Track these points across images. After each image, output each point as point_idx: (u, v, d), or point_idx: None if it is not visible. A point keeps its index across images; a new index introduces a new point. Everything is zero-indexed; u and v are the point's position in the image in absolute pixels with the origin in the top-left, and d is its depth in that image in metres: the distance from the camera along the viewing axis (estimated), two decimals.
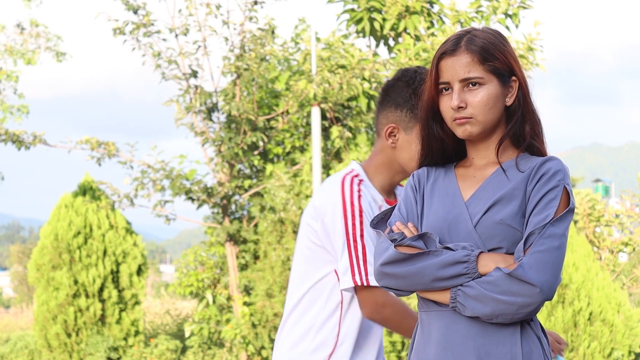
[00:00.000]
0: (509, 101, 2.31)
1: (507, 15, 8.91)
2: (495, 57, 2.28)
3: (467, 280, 2.19)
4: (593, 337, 8.83)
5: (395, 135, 2.73)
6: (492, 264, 2.19)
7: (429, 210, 2.34)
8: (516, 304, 2.14)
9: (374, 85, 9.07)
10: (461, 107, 2.27)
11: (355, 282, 2.57)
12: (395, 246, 2.27)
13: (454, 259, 2.20)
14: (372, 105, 8.85)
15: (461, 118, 2.28)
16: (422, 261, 2.22)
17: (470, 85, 2.27)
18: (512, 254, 2.23)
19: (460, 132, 2.30)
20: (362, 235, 2.61)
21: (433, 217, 2.32)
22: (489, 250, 2.24)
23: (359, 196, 2.65)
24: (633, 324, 9.00)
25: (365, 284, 2.58)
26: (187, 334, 9.93)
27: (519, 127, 2.31)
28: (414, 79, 2.73)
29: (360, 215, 2.63)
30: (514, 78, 2.31)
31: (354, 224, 2.62)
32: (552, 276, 2.14)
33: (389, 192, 2.79)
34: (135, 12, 9.08)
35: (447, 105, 2.30)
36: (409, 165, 2.72)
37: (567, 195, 2.22)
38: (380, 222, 2.42)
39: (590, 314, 8.89)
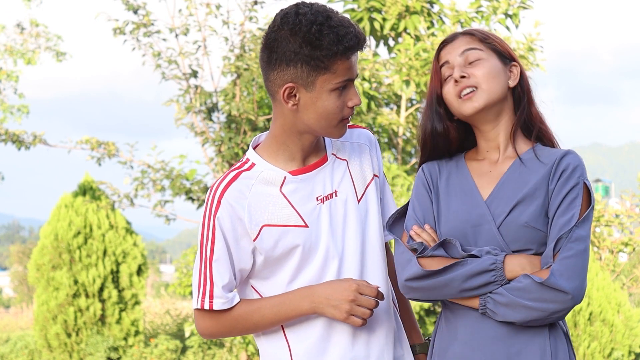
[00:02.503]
0: (512, 83, 2.30)
1: (507, 15, 8.90)
2: (494, 39, 2.31)
3: (496, 287, 2.18)
4: (593, 337, 8.83)
5: (295, 96, 2.30)
6: (519, 268, 2.17)
7: (448, 210, 2.30)
8: (548, 311, 2.14)
9: (374, 85, 9.07)
10: (464, 77, 2.26)
11: (202, 305, 2.37)
12: (417, 257, 2.24)
13: (481, 268, 2.17)
14: (372, 105, 8.84)
15: (466, 88, 2.25)
16: (449, 273, 2.19)
17: (471, 62, 2.27)
18: (537, 254, 2.21)
19: (466, 107, 2.26)
20: (211, 259, 2.37)
21: (453, 218, 2.28)
22: (512, 252, 2.22)
23: (216, 211, 2.36)
24: (633, 324, 9.00)
25: (208, 308, 2.38)
26: (187, 334, 9.93)
27: (527, 111, 2.31)
28: (299, 23, 2.25)
29: (213, 235, 2.36)
30: (514, 63, 2.32)
31: (204, 248, 2.39)
32: (581, 281, 2.14)
33: (306, 156, 2.43)
34: (135, 12, 9.07)
35: (451, 86, 2.28)
36: (317, 125, 2.33)
37: (588, 192, 2.22)
38: (396, 222, 2.39)
39: (590, 314, 8.88)
